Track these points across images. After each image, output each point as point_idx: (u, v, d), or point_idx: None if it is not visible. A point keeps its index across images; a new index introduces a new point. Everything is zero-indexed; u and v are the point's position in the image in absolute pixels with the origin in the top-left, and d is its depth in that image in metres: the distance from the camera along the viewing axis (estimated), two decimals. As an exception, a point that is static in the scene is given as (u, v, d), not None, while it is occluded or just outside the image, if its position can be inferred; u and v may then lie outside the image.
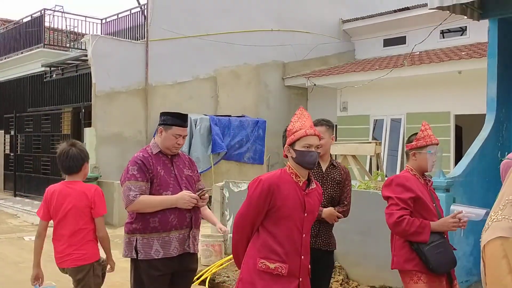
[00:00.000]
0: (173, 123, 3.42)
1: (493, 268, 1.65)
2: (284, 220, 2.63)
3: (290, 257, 2.61)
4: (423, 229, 3.20)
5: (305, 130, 2.72)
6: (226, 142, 11.18)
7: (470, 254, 5.68)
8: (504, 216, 1.69)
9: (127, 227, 3.39)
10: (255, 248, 2.65)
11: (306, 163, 2.70)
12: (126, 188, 3.30)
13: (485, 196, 5.70)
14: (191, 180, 3.53)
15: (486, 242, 1.71)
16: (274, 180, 2.66)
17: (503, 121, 6.41)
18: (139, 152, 3.47)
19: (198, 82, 12.39)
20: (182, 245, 3.34)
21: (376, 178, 7.32)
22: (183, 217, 3.34)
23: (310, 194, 2.74)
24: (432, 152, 3.40)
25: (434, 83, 10.70)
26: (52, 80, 13.12)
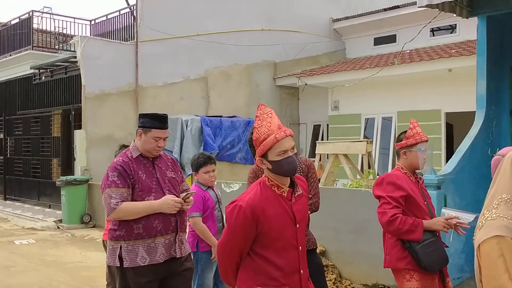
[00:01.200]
0: (152, 125, 3.28)
1: (489, 268, 1.64)
2: (275, 241, 2.34)
3: (289, 277, 2.35)
4: (416, 228, 3.20)
5: (274, 136, 2.30)
6: (218, 142, 11.14)
7: (462, 251, 5.70)
8: (498, 214, 1.68)
9: (110, 233, 3.27)
10: (249, 275, 2.36)
11: (285, 171, 2.34)
12: (107, 196, 3.18)
13: (476, 192, 5.72)
14: (175, 182, 3.42)
15: (481, 241, 1.69)
16: (256, 202, 2.30)
17: (492, 118, 6.44)
18: (118, 157, 3.33)
19: (189, 83, 12.35)
20: (169, 251, 3.24)
21: (368, 177, 7.33)
22: (168, 222, 3.24)
23: (297, 201, 2.42)
24: (423, 150, 3.39)
25: (425, 81, 10.73)
26: (41, 82, 13.01)
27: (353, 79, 11.45)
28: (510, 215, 1.66)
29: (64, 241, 9.05)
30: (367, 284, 5.68)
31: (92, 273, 6.68)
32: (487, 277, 1.65)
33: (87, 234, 9.57)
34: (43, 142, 12.83)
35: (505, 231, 1.64)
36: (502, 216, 1.67)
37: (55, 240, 9.05)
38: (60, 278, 6.43)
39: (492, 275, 1.63)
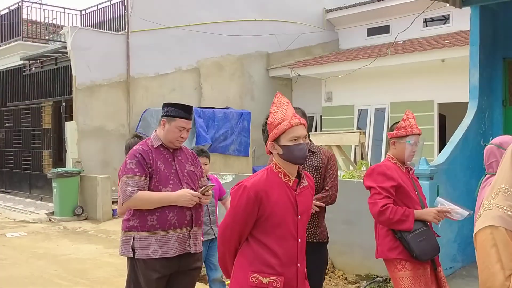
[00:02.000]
0: (177, 115, 3.19)
1: (483, 257, 1.66)
2: (275, 228, 2.34)
3: (286, 267, 2.34)
4: (407, 217, 3.20)
5: (289, 121, 2.35)
6: (211, 134, 11.10)
7: (454, 241, 5.73)
8: (494, 205, 1.68)
9: (124, 224, 3.20)
10: (246, 260, 2.36)
11: (296, 158, 2.36)
12: (123, 183, 3.10)
13: (468, 183, 5.74)
14: (193, 176, 3.32)
15: (477, 230, 1.70)
16: (261, 186, 2.34)
17: (485, 109, 6.45)
18: (138, 145, 3.25)
19: (181, 74, 12.27)
20: (182, 245, 3.13)
21: (361, 168, 7.33)
22: (183, 216, 3.14)
23: (302, 192, 2.44)
24: (412, 143, 3.36)
25: (418, 72, 10.73)
26: (31, 73, 12.88)
27: (346, 70, 11.43)
28: (506, 206, 1.66)
29: (56, 233, 9.01)
30: (359, 275, 5.70)
31: (84, 266, 6.65)
32: (481, 266, 1.67)
33: (79, 226, 9.53)
34: (34, 134, 12.73)
35: (500, 221, 1.64)
36: (498, 207, 1.67)
37: (47, 233, 9.00)
38: (52, 270, 6.40)
39: (485, 264, 1.64)
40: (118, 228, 9.09)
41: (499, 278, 1.59)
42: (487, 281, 1.62)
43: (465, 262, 5.92)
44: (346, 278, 5.67)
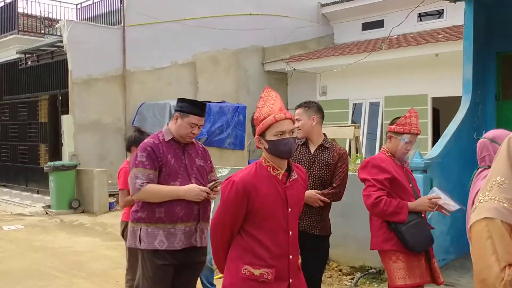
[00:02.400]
0: (191, 111, 3.22)
1: (478, 249, 1.68)
2: (265, 221, 2.37)
3: (277, 260, 2.37)
4: (401, 209, 3.24)
5: (274, 116, 2.37)
6: (207, 128, 11.12)
7: (447, 233, 5.80)
8: (490, 197, 1.71)
9: (132, 215, 3.25)
10: (238, 253, 2.40)
11: (281, 153, 2.38)
12: (133, 175, 3.15)
13: (461, 176, 5.80)
14: (203, 170, 3.34)
15: (472, 223, 1.73)
16: (249, 179, 2.37)
17: (478, 103, 6.51)
18: (149, 138, 3.29)
19: (177, 68, 12.28)
20: (189, 239, 3.17)
21: (355, 161, 7.40)
22: (191, 210, 3.17)
23: (292, 186, 2.46)
24: (407, 141, 3.39)
25: (412, 66, 10.79)
26: (27, 67, 12.84)
27: (341, 64, 11.47)
28: (502, 198, 1.68)
29: (52, 226, 9.04)
30: (354, 266, 5.77)
31: (81, 258, 6.70)
32: (476, 257, 1.69)
33: (76, 219, 9.56)
34: (30, 127, 12.71)
35: (495, 213, 1.67)
36: (493, 199, 1.70)
37: (44, 226, 9.03)
38: (49, 263, 6.44)
39: (481, 256, 1.66)
40: (114, 221, 9.17)
41: (494, 270, 1.61)
42: (482, 273, 1.65)
43: (458, 254, 6.00)
44: (340, 270, 5.74)
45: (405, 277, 3.25)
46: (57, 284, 5.52)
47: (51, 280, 5.68)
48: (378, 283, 5.39)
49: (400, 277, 3.26)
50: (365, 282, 5.42)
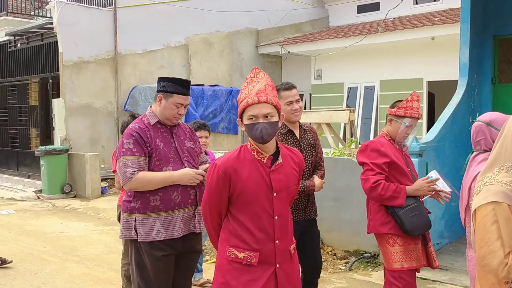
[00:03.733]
0: (175, 90, 3.04)
1: (483, 233, 1.64)
2: (248, 205, 2.35)
3: (262, 244, 2.34)
4: (398, 194, 3.21)
5: (247, 100, 2.31)
6: (200, 112, 11.02)
7: (442, 217, 5.80)
8: (497, 180, 1.66)
9: (124, 205, 3.04)
10: (225, 235, 2.41)
11: (253, 137, 2.34)
12: (122, 164, 2.94)
13: (457, 160, 5.79)
14: (193, 153, 3.19)
15: (477, 206, 1.68)
16: (230, 163, 2.35)
17: (474, 86, 6.46)
18: (134, 123, 3.07)
19: (169, 51, 12.12)
20: (187, 225, 3.02)
21: (350, 145, 7.35)
22: (187, 195, 3.02)
23: (278, 170, 2.40)
24: (407, 125, 3.34)
25: (407, 49, 10.71)
26: (17, 49, 12.63)
27: (336, 48, 11.37)
28: (509, 182, 1.64)
29: (44, 211, 8.96)
30: (348, 251, 5.76)
31: (73, 243, 6.64)
32: (480, 242, 1.65)
33: (68, 204, 9.49)
34: (20, 111, 12.55)
35: (503, 197, 1.62)
36: (501, 182, 1.65)
37: (36, 210, 8.95)
38: (41, 247, 6.38)
39: (485, 240, 1.62)
40: (107, 205, 9.12)
41: (498, 255, 1.58)
42: (486, 258, 1.61)
43: (452, 239, 6.01)
44: (335, 254, 5.73)
45: (401, 261, 3.24)
46: (50, 269, 5.48)
47: (44, 264, 5.63)
48: (372, 267, 5.39)
49: (397, 261, 3.25)
50: (359, 266, 5.42)
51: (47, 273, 5.35)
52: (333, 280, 5.08)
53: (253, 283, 2.31)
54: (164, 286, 3.01)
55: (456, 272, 5.14)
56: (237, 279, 2.33)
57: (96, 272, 5.40)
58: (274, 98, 2.37)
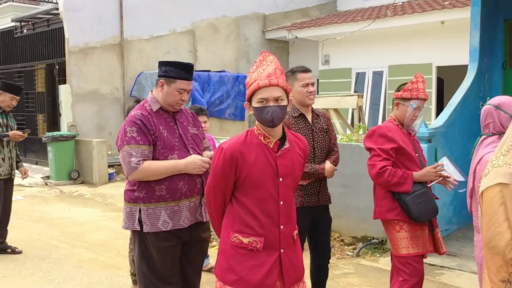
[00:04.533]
0: (178, 75, 2.92)
1: (490, 215, 1.62)
2: (254, 190, 2.33)
3: (266, 229, 2.32)
4: (405, 180, 3.18)
5: (257, 82, 2.29)
6: (206, 98, 10.98)
7: (450, 203, 5.76)
8: (505, 162, 1.63)
9: (127, 195, 2.95)
10: (229, 221, 2.40)
11: (263, 121, 2.31)
12: (126, 154, 2.82)
13: (466, 146, 5.72)
14: (197, 139, 3.10)
15: (485, 188, 1.65)
16: (237, 147, 2.33)
17: (485, 71, 6.37)
18: (135, 110, 2.94)
19: (175, 36, 12.05)
20: (194, 215, 2.95)
21: (358, 131, 7.29)
22: (194, 183, 2.94)
23: (284, 155, 2.38)
24: (415, 107, 3.29)
25: (417, 34, 10.57)
26: (23, 35, 12.61)
27: (344, 32, 11.25)
28: None
29: (52, 197, 9.01)
30: (355, 237, 5.75)
31: (81, 229, 6.68)
32: (487, 224, 1.63)
33: (76, 190, 9.53)
34: (27, 97, 12.57)
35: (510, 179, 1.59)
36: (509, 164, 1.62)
37: (43, 196, 9.00)
38: (49, 233, 6.42)
39: (492, 222, 1.60)
40: (114, 192, 9.15)
41: (505, 237, 1.56)
42: (492, 239, 1.60)
43: (460, 225, 5.98)
44: (342, 240, 5.72)
45: (408, 247, 3.22)
46: (59, 254, 5.51)
47: (52, 250, 5.67)
48: (380, 253, 5.37)
49: (403, 247, 3.23)
50: (367, 252, 5.41)
51: (55, 258, 5.38)
52: (341, 266, 5.08)
53: (258, 268, 2.30)
54: (171, 275, 2.97)
55: (465, 258, 5.11)
56: (242, 264, 2.32)
57: (104, 257, 5.42)
58: (284, 82, 2.35)
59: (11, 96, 5.49)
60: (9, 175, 5.54)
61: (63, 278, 4.78)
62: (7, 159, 5.50)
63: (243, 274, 2.30)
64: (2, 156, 5.45)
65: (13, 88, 5.54)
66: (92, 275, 4.85)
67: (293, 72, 3.49)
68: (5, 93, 5.46)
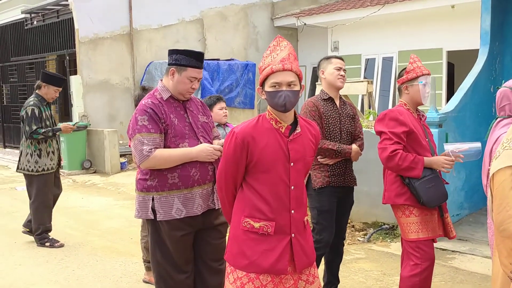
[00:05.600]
0: (188, 63, 2.92)
1: (501, 198, 1.60)
2: (265, 174, 2.33)
3: (277, 213, 2.33)
4: (416, 165, 3.16)
5: (271, 67, 2.30)
6: (216, 87, 10.98)
7: (462, 189, 5.75)
8: None
9: (140, 184, 2.95)
10: (240, 206, 2.41)
11: (276, 105, 2.31)
12: (138, 142, 2.83)
13: (477, 131, 5.69)
14: (207, 127, 3.10)
15: (495, 170, 1.63)
16: (248, 131, 2.33)
17: (496, 55, 6.30)
18: (146, 98, 2.95)
19: (184, 25, 12.04)
20: (206, 202, 2.96)
21: (368, 117, 7.27)
22: (206, 171, 2.94)
23: (296, 140, 2.38)
24: (424, 83, 3.29)
25: (427, 19, 10.45)
26: (33, 27, 12.68)
27: (353, 18, 11.16)
28: None
29: (65, 186, 9.05)
30: (366, 222, 5.76)
31: (95, 217, 6.77)
32: (498, 207, 1.61)
33: (88, 179, 9.64)
34: (39, 88, 12.66)
35: None
36: None
37: (57, 186, 9.11)
38: (63, 221, 6.52)
39: (503, 206, 1.58)
40: (126, 180, 9.22)
41: None
42: (504, 222, 1.57)
43: (472, 210, 5.96)
44: (353, 226, 5.74)
45: (417, 231, 3.22)
46: (73, 242, 5.60)
47: (66, 237, 5.76)
48: (391, 238, 5.39)
49: (413, 231, 3.23)
50: (378, 237, 5.43)
51: (69, 246, 5.47)
52: (352, 251, 5.10)
53: (269, 252, 2.32)
54: (185, 263, 2.99)
55: (476, 242, 5.11)
56: (253, 249, 2.33)
57: (117, 245, 5.50)
58: (297, 67, 2.36)
59: (56, 88, 5.45)
60: (57, 166, 5.60)
61: (77, 265, 4.86)
62: (56, 151, 5.53)
63: (255, 259, 2.32)
64: (52, 149, 5.49)
65: (56, 81, 5.47)
66: (106, 262, 4.93)
67: (328, 58, 3.74)
68: (48, 85, 5.41)
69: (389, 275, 4.44)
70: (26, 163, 5.41)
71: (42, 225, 5.48)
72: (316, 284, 2.45)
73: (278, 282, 2.33)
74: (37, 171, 5.40)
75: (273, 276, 2.32)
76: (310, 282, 2.43)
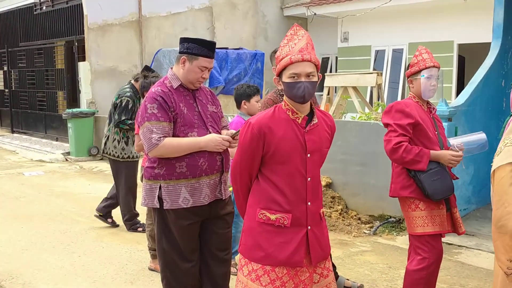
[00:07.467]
0: (200, 53, 2.90)
1: (500, 194, 1.59)
2: (281, 165, 2.30)
3: (294, 205, 2.30)
4: (421, 158, 3.12)
5: (290, 57, 2.25)
6: (224, 76, 10.94)
7: (469, 183, 5.71)
8: None
9: (147, 172, 2.94)
10: (255, 198, 2.37)
11: (294, 96, 2.27)
12: (147, 130, 2.82)
13: (487, 125, 5.64)
14: (216, 117, 3.08)
15: (496, 167, 1.62)
16: (265, 122, 2.30)
17: (508, 49, 6.22)
18: (156, 86, 2.94)
19: (193, 13, 11.98)
20: (213, 192, 2.96)
21: (377, 109, 7.21)
22: (214, 161, 2.93)
23: (312, 131, 2.35)
24: (427, 76, 3.23)
25: (438, 10, 10.33)
26: (42, 12, 12.67)
27: (364, 9, 11.05)
28: None
29: (72, 173, 9.17)
30: (373, 215, 5.75)
31: (101, 204, 6.79)
32: (497, 203, 1.60)
33: (95, 166, 9.67)
34: (47, 74, 12.70)
35: None
36: None
37: (64, 172, 9.16)
38: (70, 208, 6.55)
39: (502, 202, 1.57)
40: (133, 168, 9.19)
41: None
42: (502, 219, 1.57)
43: (479, 204, 5.93)
44: (359, 218, 5.72)
45: (424, 225, 3.18)
46: (79, 228, 5.63)
47: (73, 224, 5.79)
48: (397, 231, 5.37)
49: (419, 225, 3.20)
50: (384, 230, 5.41)
51: (76, 232, 5.50)
52: (357, 243, 5.09)
53: (285, 245, 2.29)
54: (190, 252, 2.99)
55: (483, 237, 5.08)
56: (269, 241, 2.30)
57: (123, 232, 5.53)
58: (316, 58, 2.31)
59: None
60: None
61: (83, 251, 4.89)
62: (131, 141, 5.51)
63: (271, 251, 2.29)
64: None
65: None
66: (112, 249, 4.95)
67: None
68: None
69: (394, 268, 4.43)
70: (112, 149, 5.49)
71: (130, 211, 5.56)
72: (330, 278, 2.42)
73: (293, 274, 2.30)
74: (122, 157, 5.45)
75: (288, 269, 2.29)
76: (325, 276, 2.40)
